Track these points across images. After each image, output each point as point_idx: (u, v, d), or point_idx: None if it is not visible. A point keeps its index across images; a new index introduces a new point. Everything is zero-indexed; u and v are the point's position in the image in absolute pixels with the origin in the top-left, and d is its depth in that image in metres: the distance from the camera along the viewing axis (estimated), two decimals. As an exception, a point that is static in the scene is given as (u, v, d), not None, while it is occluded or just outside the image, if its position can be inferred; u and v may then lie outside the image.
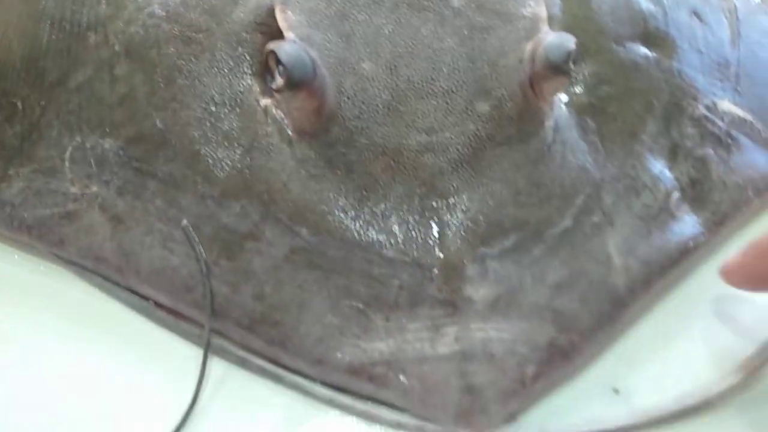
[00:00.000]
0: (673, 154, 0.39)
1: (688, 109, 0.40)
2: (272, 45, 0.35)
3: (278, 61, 0.34)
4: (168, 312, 0.34)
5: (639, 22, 0.42)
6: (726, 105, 0.41)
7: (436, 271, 0.33)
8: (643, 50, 0.41)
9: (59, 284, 0.36)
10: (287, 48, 0.34)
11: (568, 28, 0.40)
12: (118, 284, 0.35)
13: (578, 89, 0.39)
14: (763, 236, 0.32)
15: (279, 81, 0.34)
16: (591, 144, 0.38)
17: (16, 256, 0.37)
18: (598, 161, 0.37)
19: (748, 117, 0.41)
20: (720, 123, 0.40)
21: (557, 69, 0.35)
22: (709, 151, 0.39)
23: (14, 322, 0.34)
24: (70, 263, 0.36)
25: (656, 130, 0.39)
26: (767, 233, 0.32)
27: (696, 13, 0.45)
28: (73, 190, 0.37)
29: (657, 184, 0.37)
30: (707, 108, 0.41)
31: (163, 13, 0.40)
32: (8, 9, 0.43)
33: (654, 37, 0.42)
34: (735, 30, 0.45)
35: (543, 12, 0.38)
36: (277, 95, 0.36)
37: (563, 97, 0.38)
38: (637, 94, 0.40)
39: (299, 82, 0.34)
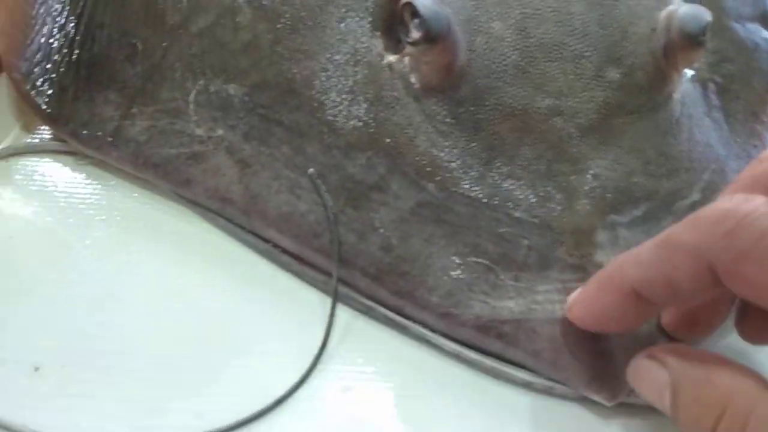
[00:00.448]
0: (792, 136, 0.38)
1: (810, 96, 0.40)
2: (410, -1, 0.34)
3: (414, 14, 0.34)
4: (293, 257, 0.35)
5: (760, 4, 0.41)
6: None
7: (566, 234, 0.32)
8: (764, 32, 0.41)
9: (182, 223, 0.36)
10: (425, 1, 0.34)
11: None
12: (242, 227, 0.36)
13: (702, 65, 0.39)
14: (604, 270, 0.29)
15: (415, 34, 0.34)
16: (715, 121, 0.37)
17: (135, 194, 0.37)
18: (722, 138, 0.37)
19: None
20: None
21: (694, 40, 0.34)
22: None
23: (139, 260, 0.34)
24: (193, 203, 0.36)
25: (777, 111, 0.39)
26: (608, 267, 0.28)
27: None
28: (199, 132, 0.37)
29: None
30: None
31: (287, -38, 0.40)
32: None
33: (775, 16, 0.41)
34: None
35: (676, -21, 0.37)
36: (408, 48, 0.35)
37: (688, 72, 0.38)
38: (758, 74, 0.39)
39: (436, 36, 0.33)
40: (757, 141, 0.38)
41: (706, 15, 0.35)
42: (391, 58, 0.37)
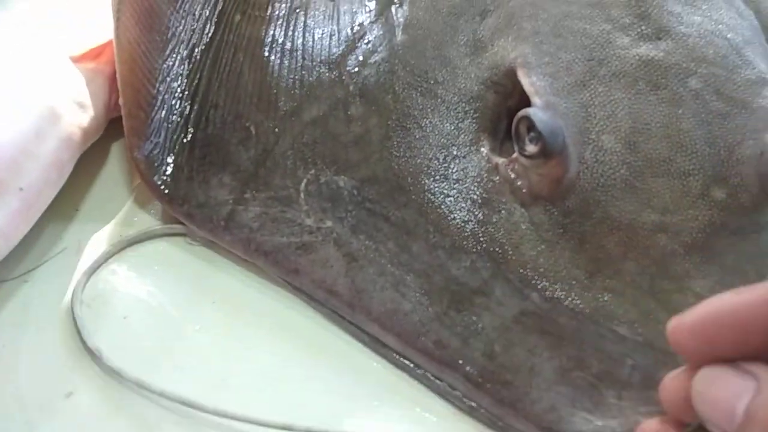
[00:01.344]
0: None
1: None
2: (526, 111, 0.35)
3: (530, 128, 0.35)
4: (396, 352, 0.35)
5: None
6: None
7: (669, 354, 0.32)
8: None
9: (288, 311, 0.37)
10: (543, 117, 0.35)
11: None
12: (346, 318, 0.36)
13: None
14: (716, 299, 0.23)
15: (531, 148, 0.35)
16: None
17: (244, 277, 0.38)
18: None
19: None
20: None
21: (802, 169, 0.34)
22: None
23: (246, 346, 0.35)
24: (299, 291, 0.37)
25: None
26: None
27: None
28: (309, 222, 0.38)
29: None
30: None
31: (397, 61, 0.41)
32: (233, 30, 0.45)
33: None
34: None
35: (782, 104, 0.37)
36: (520, 158, 0.36)
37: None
38: None
39: (552, 152, 0.34)
40: None
41: None
42: (498, 160, 0.38)
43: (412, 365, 0.35)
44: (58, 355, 0.34)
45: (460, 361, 0.34)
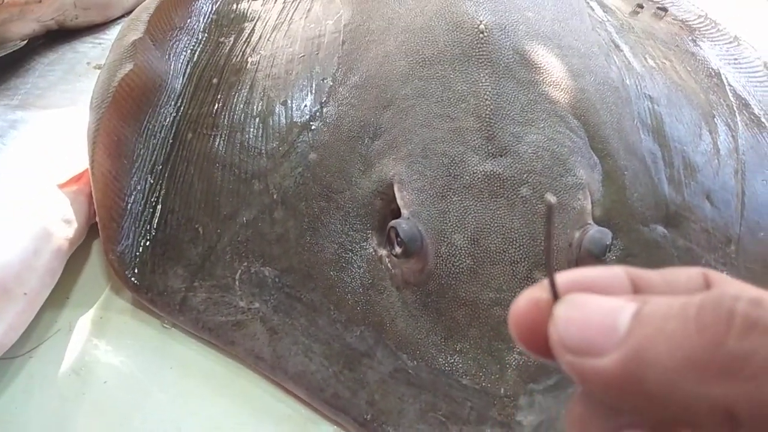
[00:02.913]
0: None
1: (693, 281, 0.51)
2: (394, 223, 0.47)
3: (397, 235, 0.47)
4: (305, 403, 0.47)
5: (662, 207, 0.54)
6: (723, 278, 0.52)
7: (497, 398, 0.45)
8: (662, 230, 0.53)
9: (230, 374, 0.49)
10: (405, 227, 0.46)
11: (607, 211, 0.52)
12: (269, 377, 0.48)
13: (611, 260, 0.51)
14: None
15: (397, 250, 0.46)
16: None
17: (195, 347, 0.50)
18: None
19: (740, 288, 0.52)
20: (717, 293, 0.51)
21: (596, 258, 0.46)
22: None
23: (198, 402, 0.47)
24: (237, 358, 0.49)
25: (667, 297, 0.50)
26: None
27: (709, 197, 0.56)
28: (242, 304, 0.50)
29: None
30: (708, 281, 0.52)
31: (309, 174, 0.53)
32: (186, 147, 0.56)
33: (672, 219, 0.53)
34: (739, 211, 0.56)
35: (589, 206, 0.49)
36: (393, 257, 0.48)
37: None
38: (655, 268, 0.51)
39: (411, 253, 0.46)
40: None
41: (607, 239, 0.47)
42: (382, 251, 0.49)
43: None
44: (59, 412, 0.46)
45: (350, 408, 0.45)
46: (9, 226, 0.46)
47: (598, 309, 0.19)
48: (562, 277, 0.21)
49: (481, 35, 0.55)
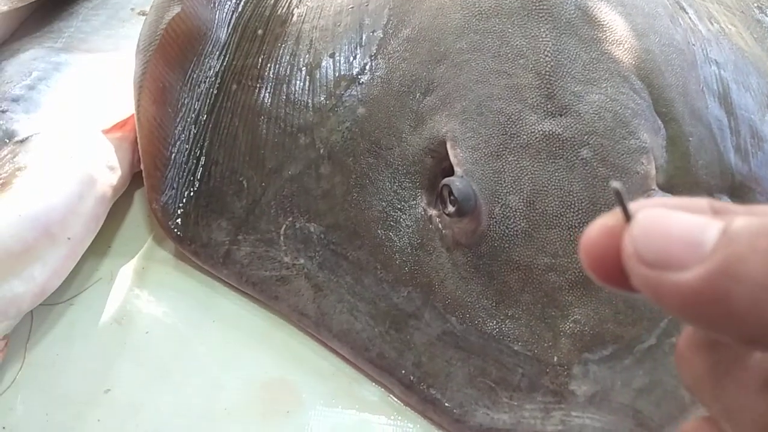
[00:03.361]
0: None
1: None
2: (447, 180, 0.45)
3: (450, 193, 0.45)
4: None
5: (728, 177, 0.51)
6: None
7: (550, 366, 0.43)
8: (727, 200, 0.50)
9: (272, 328, 0.47)
10: (459, 185, 0.44)
11: (670, 178, 0.49)
12: (313, 334, 0.47)
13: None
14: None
15: (450, 209, 0.44)
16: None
17: (239, 302, 0.49)
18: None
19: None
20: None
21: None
22: None
23: (239, 356, 0.46)
24: (280, 313, 0.48)
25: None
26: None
27: (776, 169, 0.53)
28: (286, 259, 0.48)
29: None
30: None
31: (357, 129, 0.51)
32: (230, 98, 0.55)
33: (738, 189, 0.51)
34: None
35: (653, 171, 0.47)
36: (444, 215, 0.46)
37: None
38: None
39: (465, 213, 0.44)
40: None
41: None
42: (433, 212, 0.47)
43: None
44: (100, 360, 0.45)
45: (396, 369, 0.44)
46: (54, 170, 0.45)
47: (682, 223, 0.18)
48: (640, 203, 0.19)
49: (542, -12, 0.52)
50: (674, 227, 0.18)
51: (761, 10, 0.70)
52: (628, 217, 0.19)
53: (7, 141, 0.45)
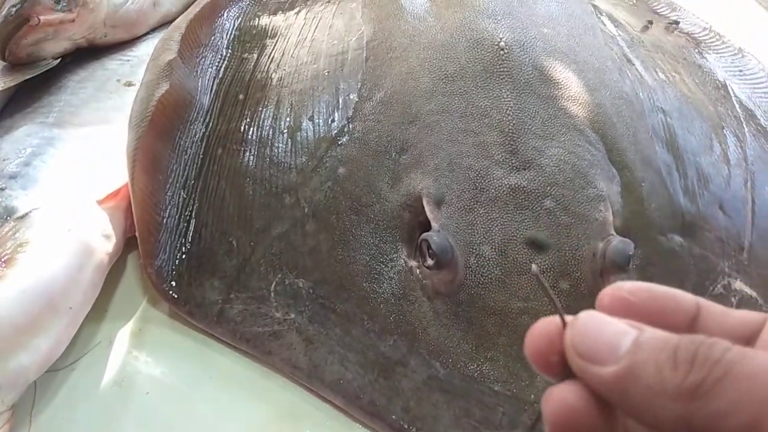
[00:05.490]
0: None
1: (710, 288, 0.53)
2: (425, 235, 0.48)
3: (429, 247, 0.48)
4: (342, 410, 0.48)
5: (678, 217, 0.55)
6: (738, 284, 0.54)
7: (528, 404, 0.46)
8: (679, 239, 0.54)
9: (267, 381, 0.50)
10: (436, 239, 0.48)
11: (626, 221, 0.53)
12: (306, 386, 0.49)
13: (632, 269, 0.52)
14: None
15: (430, 262, 0.48)
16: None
17: (233, 357, 0.51)
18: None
19: (754, 294, 0.54)
20: (732, 299, 0.53)
21: (621, 268, 0.48)
22: None
23: (235, 413, 0.48)
24: (274, 366, 0.50)
25: (685, 305, 0.52)
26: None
27: (721, 207, 0.58)
28: (278, 315, 0.51)
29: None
30: (724, 287, 0.53)
31: (339, 188, 0.54)
32: (216, 162, 0.57)
33: (688, 228, 0.55)
34: (750, 219, 0.58)
35: (610, 217, 0.51)
36: (424, 267, 0.49)
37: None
38: (674, 275, 0.53)
39: (443, 265, 0.47)
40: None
41: (629, 249, 0.48)
42: (413, 263, 0.51)
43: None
44: (103, 423, 0.47)
45: (386, 414, 0.47)
46: (53, 243, 0.47)
47: (608, 327, 0.23)
48: (632, 285, 0.26)
49: (501, 52, 0.56)
50: (603, 330, 0.23)
51: (701, 55, 0.76)
52: (557, 309, 0.25)
53: (8, 218, 0.47)
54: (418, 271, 0.50)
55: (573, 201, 0.50)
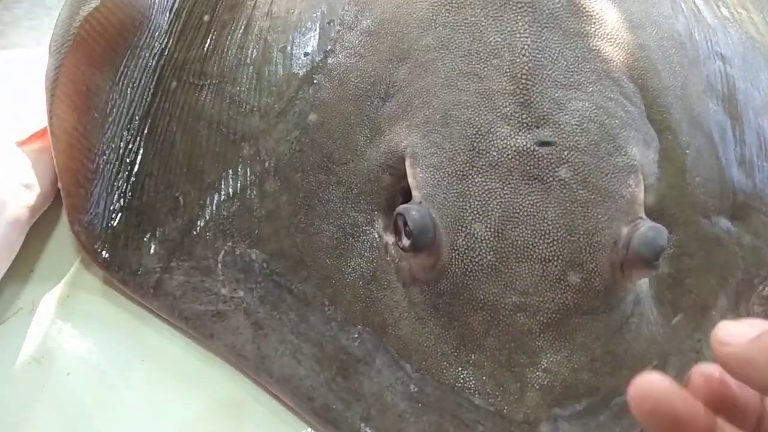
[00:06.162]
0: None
1: (759, 287, 0.42)
2: (401, 209, 0.38)
3: (405, 224, 0.38)
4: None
5: (728, 195, 0.44)
6: (794, 285, 0.43)
7: (514, 424, 0.37)
8: (727, 223, 0.43)
9: (207, 367, 0.42)
10: (414, 215, 0.38)
11: (662, 199, 0.42)
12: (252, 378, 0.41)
13: (663, 258, 0.42)
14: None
15: (405, 242, 0.38)
16: (665, 316, 0.41)
17: (169, 337, 0.43)
18: (668, 333, 0.40)
19: (814, 298, 0.43)
20: (786, 303, 0.43)
21: (648, 263, 0.37)
22: None
23: (167, 401, 0.41)
24: (216, 352, 0.42)
25: (726, 306, 0.42)
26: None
27: (784, 186, 0.46)
28: (224, 291, 0.42)
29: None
30: (776, 288, 0.43)
31: (308, 140, 0.44)
32: (169, 98, 0.48)
33: (740, 210, 0.44)
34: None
35: (641, 195, 0.40)
36: (398, 247, 0.40)
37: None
38: (715, 269, 0.42)
39: (421, 247, 0.38)
40: (702, 336, 0.41)
41: (662, 239, 0.37)
42: (389, 238, 0.41)
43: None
44: (13, 405, 0.40)
45: (342, 423, 0.39)
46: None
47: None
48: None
49: (521, -28, 0.44)
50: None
51: (776, -12, 0.62)
52: None
53: None
54: (393, 249, 0.41)
55: (595, 171, 0.40)
